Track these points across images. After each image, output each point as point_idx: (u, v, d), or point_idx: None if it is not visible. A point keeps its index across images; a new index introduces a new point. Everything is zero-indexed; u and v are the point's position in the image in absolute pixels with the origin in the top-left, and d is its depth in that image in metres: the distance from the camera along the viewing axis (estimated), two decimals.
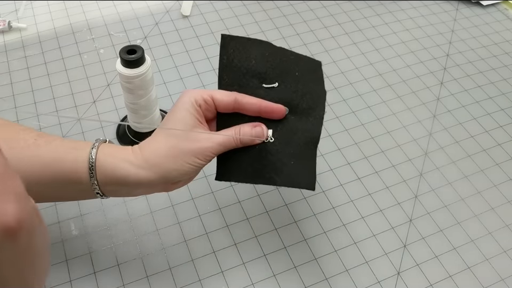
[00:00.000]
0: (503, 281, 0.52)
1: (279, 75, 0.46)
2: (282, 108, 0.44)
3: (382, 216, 0.56)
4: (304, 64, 0.47)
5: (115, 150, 0.42)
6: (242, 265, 0.51)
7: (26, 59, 0.70)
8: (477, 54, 0.77)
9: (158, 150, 0.41)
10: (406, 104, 0.69)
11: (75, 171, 0.40)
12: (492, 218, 0.57)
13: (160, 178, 0.41)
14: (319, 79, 0.47)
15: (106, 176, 0.41)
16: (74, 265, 0.50)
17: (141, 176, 0.41)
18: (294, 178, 0.43)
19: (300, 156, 0.44)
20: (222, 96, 0.43)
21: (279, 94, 0.45)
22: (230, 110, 0.44)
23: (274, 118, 0.44)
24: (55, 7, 0.79)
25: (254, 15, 0.80)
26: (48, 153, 0.40)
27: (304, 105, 0.45)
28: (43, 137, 0.42)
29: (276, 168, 0.43)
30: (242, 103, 0.43)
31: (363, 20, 0.81)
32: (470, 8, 0.86)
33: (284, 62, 0.46)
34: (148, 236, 0.53)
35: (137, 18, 0.78)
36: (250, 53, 0.46)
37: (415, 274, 0.52)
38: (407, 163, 0.62)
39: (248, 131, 0.43)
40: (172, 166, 0.41)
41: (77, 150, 0.41)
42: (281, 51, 0.47)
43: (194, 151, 0.41)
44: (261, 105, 0.44)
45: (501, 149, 0.64)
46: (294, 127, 0.44)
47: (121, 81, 0.54)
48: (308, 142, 0.44)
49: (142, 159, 0.41)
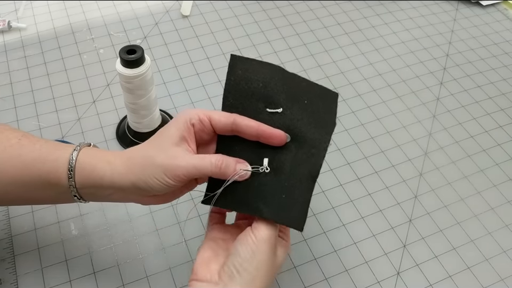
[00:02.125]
0: (502, 281, 0.52)
1: (285, 101, 0.44)
2: (282, 134, 0.42)
3: (381, 216, 0.56)
4: (317, 93, 0.45)
5: (97, 151, 0.41)
6: None
7: (26, 59, 0.70)
8: (476, 54, 0.77)
9: (136, 156, 0.40)
10: (406, 104, 0.69)
11: (54, 171, 0.40)
12: (491, 218, 0.57)
13: (130, 186, 0.39)
14: (330, 110, 0.45)
15: (84, 177, 0.40)
16: (74, 265, 0.50)
17: (115, 178, 0.40)
18: (282, 214, 0.40)
19: (294, 191, 0.41)
20: (220, 117, 0.41)
21: (282, 120, 0.43)
22: (228, 132, 0.42)
23: (274, 144, 0.42)
24: (55, 7, 0.79)
25: (254, 15, 0.80)
26: (30, 153, 0.40)
27: (308, 135, 0.43)
28: (28, 138, 0.41)
29: (265, 199, 0.40)
30: (240, 125, 0.41)
31: (363, 20, 0.81)
32: (469, 8, 0.86)
33: (293, 88, 0.44)
34: (147, 236, 0.53)
35: (137, 18, 0.78)
36: (259, 76, 0.44)
37: (415, 274, 0.52)
38: (406, 163, 0.62)
39: (232, 166, 0.40)
40: (141, 176, 0.39)
41: (59, 151, 0.41)
42: (292, 77, 0.45)
43: (164, 167, 0.39)
44: (259, 128, 0.41)
45: (500, 149, 0.64)
46: (293, 158, 0.42)
47: (121, 81, 0.54)
48: (306, 175, 0.42)
49: (121, 162, 0.40)
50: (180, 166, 0.39)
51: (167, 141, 0.40)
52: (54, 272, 0.49)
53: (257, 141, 0.42)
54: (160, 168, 0.39)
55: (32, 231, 0.52)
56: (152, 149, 0.40)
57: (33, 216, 0.53)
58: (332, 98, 0.45)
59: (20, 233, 0.52)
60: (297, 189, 0.41)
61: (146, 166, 0.39)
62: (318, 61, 0.74)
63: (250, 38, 0.76)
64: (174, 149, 0.40)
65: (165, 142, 0.40)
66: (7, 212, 0.54)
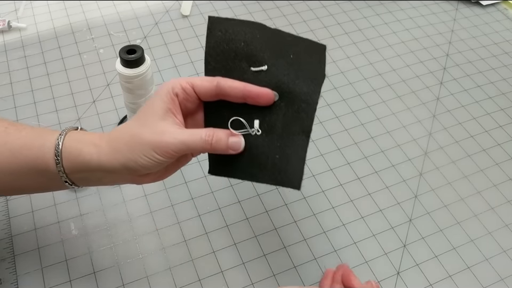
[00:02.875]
0: (502, 281, 0.52)
1: (270, 58, 0.41)
2: (269, 92, 0.40)
3: (381, 216, 0.56)
4: (303, 47, 0.43)
5: (83, 134, 0.40)
6: (242, 265, 0.51)
7: (26, 59, 0.70)
8: (476, 53, 0.77)
9: (122, 136, 0.39)
10: (406, 104, 0.69)
11: (42, 157, 0.39)
12: (491, 218, 0.57)
13: (121, 167, 0.38)
14: (319, 63, 0.42)
15: (71, 161, 0.39)
16: (74, 265, 0.50)
17: (103, 161, 0.38)
18: (277, 176, 0.40)
19: (287, 149, 0.40)
20: (203, 82, 0.39)
21: (268, 78, 0.41)
22: (213, 97, 0.40)
23: (262, 103, 0.40)
24: (55, 7, 0.79)
25: (254, 15, 0.80)
26: (16, 140, 0.39)
27: (297, 89, 0.41)
28: (14, 126, 0.41)
29: (260, 163, 0.40)
30: (224, 88, 0.39)
31: (363, 19, 0.81)
32: (469, 8, 0.86)
33: (278, 44, 0.42)
34: (147, 235, 0.53)
35: (137, 18, 0.78)
36: (240, 35, 0.42)
37: (415, 274, 0.52)
38: (406, 163, 0.62)
39: (223, 138, 0.39)
40: (130, 155, 0.38)
41: (45, 137, 0.39)
42: (277, 32, 0.42)
43: (153, 144, 0.37)
44: (244, 89, 0.39)
45: (500, 148, 0.64)
46: (284, 116, 0.40)
47: (121, 81, 0.54)
48: (298, 132, 0.40)
49: (107, 143, 0.38)
50: (169, 143, 0.37)
51: (152, 116, 0.38)
52: (54, 272, 0.49)
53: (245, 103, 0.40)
54: (148, 145, 0.37)
55: (32, 231, 0.52)
56: (138, 126, 0.38)
57: (33, 216, 0.53)
58: (320, 51, 0.43)
59: (20, 233, 0.52)
60: (290, 148, 0.40)
61: (134, 145, 0.38)
62: None
63: None
64: (160, 124, 0.38)
65: (151, 117, 0.38)
66: (7, 211, 0.54)
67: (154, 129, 0.38)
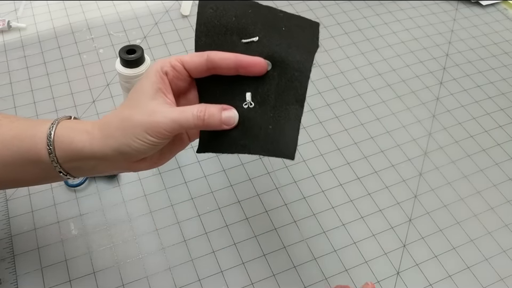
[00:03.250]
0: (502, 281, 0.52)
1: (261, 30, 0.41)
2: (262, 61, 0.39)
3: (381, 216, 0.56)
4: (296, 22, 0.42)
5: (76, 123, 0.39)
6: (242, 265, 0.51)
7: (25, 59, 0.70)
8: (476, 53, 0.77)
9: (113, 120, 0.38)
10: (406, 104, 0.69)
11: (34, 147, 0.38)
12: (491, 218, 0.57)
13: (114, 153, 0.37)
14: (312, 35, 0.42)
15: (64, 150, 0.38)
16: (74, 265, 0.50)
17: (95, 148, 0.37)
18: (270, 146, 0.39)
19: (280, 120, 0.39)
20: (192, 57, 0.39)
21: (260, 48, 0.40)
22: (204, 72, 0.39)
23: (255, 73, 0.39)
24: (55, 7, 0.79)
25: None
26: (8, 132, 0.39)
27: (289, 58, 0.40)
28: (7, 118, 0.40)
29: (252, 135, 0.39)
30: (215, 60, 0.38)
31: (363, 19, 0.81)
32: (469, 8, 0.86)
33: (270, 19, 0.42)
34: (147, 235, 0.53)
35: (137, 18, 0.78)
36: (231, 11, 0.41)
37: (415, 274, 0.52)
38: (406, 163, 0.62)
39: (216, 113, 0.38)
40: (122, 139, 0.37)
41: (37, 127, 0.39)
42: (268, 9, 0.42)
43: (144, 125, 0.36)
44: (236, 59, 0.38)
45: (500, 148, 0.64)
46: (277, 86, 0.40)
47: (121, 81, 0.54)
48: (292, 101, 0.40)
49: (99, 129, 0.38)
50: (160, 122, 0.36)
51: (142, 97, 0.37)
52: (54, 272, 0.49)
53: (238, 76, 0.39)
54: (140, 127, 0.36)
55: (32, 230, 0.52)
56: (129, 109, 0.38)
57: (33, 216, 0.53)
58: (313, 27, 0.42)
59: (19, 233, 0.52)
60: (283, 118, 0.39)
61: (125, 128, 0.37)
62: (318, 60, 0.74)
63: None
64: (151, 104, 0.37)
65: (140, 98, 0.38)
66: (6, 211, 0.54)
67: (144, 110, 0.37)
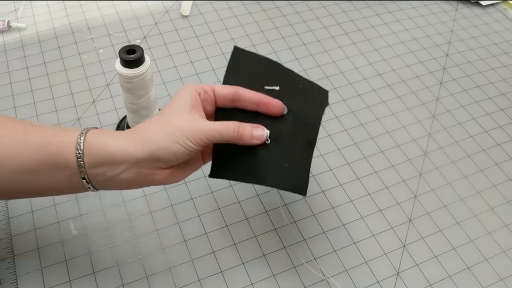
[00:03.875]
0: (502, 281, 0.52)
1: (282, 83, 0.47)
2: (280, 103, 0.45)
3: (381, 216, 0.56)
4: (310, 85, 0.49)
5: (106, 131, 0.41)
6: (242, 265, 0.51)
7: (25, 59, 0.70)
8: (476, 54, 0.77)
9: (151, 126, 0.40)
10: (406, 104, 0.69)
11: (62, 152, 0.39)
12: (491, 218, 0.57)
13: (148, 156, 0.39)
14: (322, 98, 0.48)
15: (94, 155, 0.39)
16: (74, 265, 0.50)
17: (129, 151, 0.39)
18: (285, 181, 0.43)
19: (294, 158, 0.44)
20: (223, 87, 0.44)
21: (279, 97, 0.46)
22: (229, 102, 0.44)
23: (272, 112, 0.44)
24: (55, 7, 0.79)
25: (254, 15, 0.80)
26: (36, 138, 0.40)
27: (303, 109, 0.46)
28: (34, 126, 0.41)
29: (268, 168, 0.43)
30: (242, 93, 0.44)
31: (362, 19, 0.81)
32: (469, 8, 0.86)
33: (289, 78, 0.48)
34: (147, 235, 0.53)
35: (137, 18, 0.78)
36: (259, 66, 0.48)
37: (415, 274, 0.52)
38: (406, 163, 0.62)
39: (248, 130, 0.43)
40: (161, 143, 0.39)
41: (66, 133, 0.40)
42: (289, 71, 0.49)
43: (185, 130, 0.39)
44: (260, 96, 0.44)
45: (500, 149, 0.64)
46: (291, 128, 0.45)
47: (121, 81, 0.54)
48: (304, 143, 0.45)
49: (134, 135, 0.40)
50: (201, 129, 0.40)
51: (180, 108, 0.41)
52: (54, 272, 0.49)
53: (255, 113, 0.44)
54: (181, 132, 0.39)
55: (31, 231, 0.52)
56: (166, 117, 0.41)
57: (33, 216, 0.53)
58: (324, 93, 0.49)
59: (19, 233, 0.52)
60: (297, 157, 0.44)
61: (166, 132, 0.39)
62: (317, 61, 0.74)
63: (250, 38, 0.76)
64: (190, 115, 0.41)
65: (177, 109, 0.41)
66: (6, 211, 0.54)
67: (184, 119, 0.40)
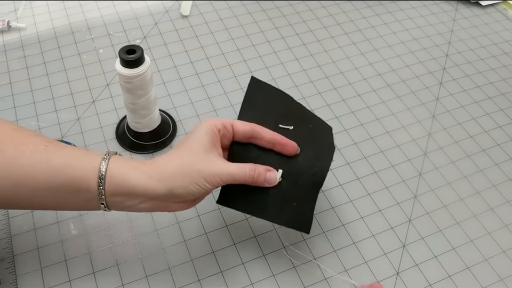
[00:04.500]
0: (502, 281, 0.52)
1: (295, 121, 0.49)
2: (295, 144, 0.46)
3: (381, 216, 0.56)
4: (317, 122, 0.51)
5: (127, 160, 0.42)
6: (242, 265, 0.51)
7: (25, 59, 0.70)
8: (476, 54, 0.77)
9: (171, 163, 0.42)
10: (405, 104, 0.69)
11: (84, 177, 0.40)
12: (491, 218, 0.57)
13: (166, 192, 0.41)
14: (329, 138, 0.50)
15: (115, 184, 0.40)
16: (74, 265, 0.50)
17: (149, 186, 0.40)
18: (292, 220, 0.46)
19: (302, 198, 0.46)
20: (242, 123, 0.45)
21: (292, 136, 0.47)
22: (247, 138, 0.45)
23: (287, 152, 0.46)
24: (54, 7, 0.79)
25: (254, 15, 0.80)
26: (59, 159, 0.40)
27: (314, 151, 0.48)
28: (54, 144, 0.42)
29: (275, 205, 0.46)
30: (259, 131, 0.45)
31: (362, 20, 0.81)
32: (469, 8, 0.86)
33: (301, 114, 0.51)
34: (147, 236, 0.53)
35: (137, 18, 0.78)
36: (274, 98, 0.50)
37: (414, 274, 0.52)
38: (406, 163, 0.62)
39: (262, 174, 0.44)
40: (180, 182, 0.41)
41: (88, 157, 0.41)
42: (299, 105, 0.51)
43: (205, 172, 0.41)
44: (275, 136, 0.46)
45: (500, 149, 0.64)
46: (301, 169, 0.46)
47: (121, 81, 0.54)
48: (312, 185, 0.46)
49: (154, 169, 0.41)
50: (219, 172, 0.42)
51: (200, 147, 0.42)
52: (54, 272, 0.49)
53: (269, 151, 0.46)
54: (200, 174, 0.41)
55: (31, 231, 0.52)
56: (187, 156, 0.42)
57: (33, 216, 0.53)
58: (328, 130, 0.51)
59: (19, 233, 0.52)
60: (305, 197, 0.46)
61: (186, 172, 0.41)
62: (317, 61, 0.74)
63: (250, 38, 0.76)
64: (208, 155, 0.42)
65: (198, 148, 0.42)
66: (6, 211, 0.54)
67: (204, 160, 0.42)
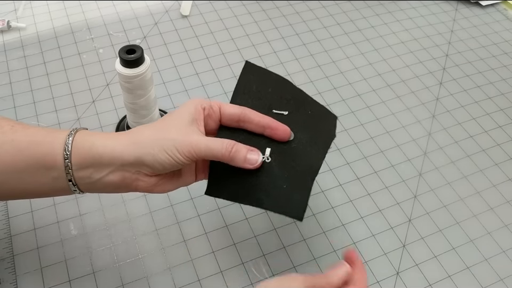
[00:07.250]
0: (502, 281, 0.52)
1: (291, 107, 0.46)
2: (287, 129, 0.43)
3: (381, 216, 0.56)
4: (319, 109, 0.47)
5: (96, 132, 0.41)
6: (242, 265, 0.51)
7: (25, 59, 0.70)
8: (476, 54, 0.77)
9: (145, 130, 0.40)
10: (405, 104, 0.69)
11: (50, 153, 0.39)
12: (490, 218, 0.57)
13: (134, 161, 0.39)
14: (331, 126, 0.47)
15: (81, 155, 0.39)
16: (74, 265, 0.50)
17: (117, 152, 0.39)
18: (282, 204, 0.41)
19: (294, 182, 0.42)
20: (230, 105, 0.43)
21: (287, 122, 0.44)
22: (235, 122, 0.43)
23: (278, 136, 0.43)
24: (54, 7, 0.79)
25: (254, 15, 0.80)
26: (24, 138, 0.39)
27: (310, 137, 0.44)
28: (21, 125, 0.41)
29: (266, 190, 0.41)
30: (249, 114, 0.42)
31: (362, 20, 0.81)
32: (469, 8, 0.86)
33: (300, 100, 0.47)
34: (147, 235, 0.53)
35: (137, 18, 0.78)
36: (269, 83, 0.47)
37: (414, 274, 0.52)
38: (406, 163, 0.62)
39: (242, 151, 0.40)
40: (149, 149, 0.39)
41: (55, 134, 0.40)
42: (300, 91, 0.47)
43: (177, 141, 0.39)
44: (265, 119, 0.43)
45: (500, 149, 0.64)
46: (294, 153, 0.43)
47: (121, 81, 0.54)
48: (305, 171, 0.42)
49: (126, 136, 0.40)
50: (192, 143, 0.39)
51: (178, 120, 0.40)
52: (53, 271, 0.49)
53: (260, 136, 0.43)
54: (172, 142, 0.39)
55: (31, 230, 0.52)
56: (163, 125, 0.40)
57: (33, 216, 0.53)
58: (333, 119, 0.48)
59: (19, 233, 0.52)
60: (298, 180, 0.42)
61: (157, 139, 0.39)
62: (317, 61, 0.74)
63: (250, 38, 0.76)
64: (185, 127, 0.40)
65: (177, 120, 0.40)
66: (6, 211, 0.54)
67: (179, 129, 0.40)
